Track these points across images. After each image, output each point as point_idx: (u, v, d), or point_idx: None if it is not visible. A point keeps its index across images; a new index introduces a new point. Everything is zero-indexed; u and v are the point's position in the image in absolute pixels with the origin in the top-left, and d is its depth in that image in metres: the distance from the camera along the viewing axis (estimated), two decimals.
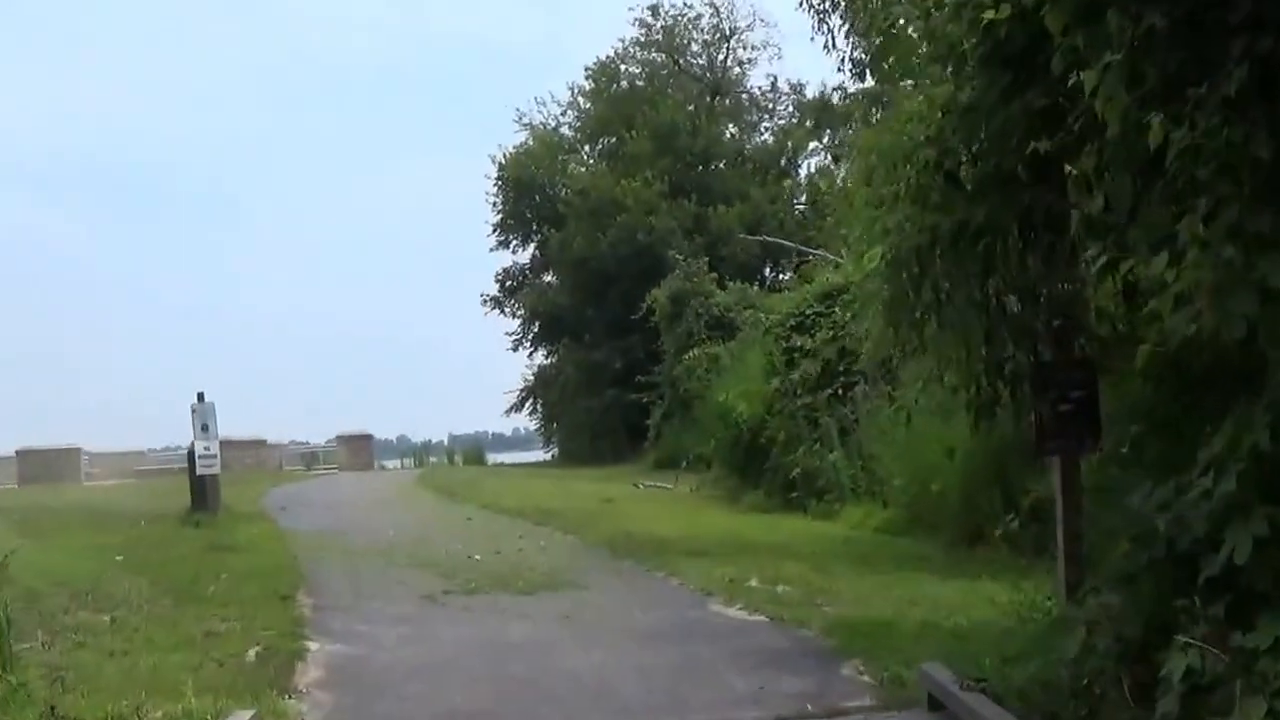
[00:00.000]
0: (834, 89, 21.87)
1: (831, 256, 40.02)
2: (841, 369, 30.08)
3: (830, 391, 29.83)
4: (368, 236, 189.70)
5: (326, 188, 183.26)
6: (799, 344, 31.25)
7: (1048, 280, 9.98)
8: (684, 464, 40.63)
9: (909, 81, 11.73)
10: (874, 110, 21.50)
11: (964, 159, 9.94)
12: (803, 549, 21.21)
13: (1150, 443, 10.74)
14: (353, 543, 23.82)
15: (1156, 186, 7.66)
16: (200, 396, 28.56)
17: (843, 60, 21.91)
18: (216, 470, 28.73)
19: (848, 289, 31.04)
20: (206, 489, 28.17)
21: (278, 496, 37.71)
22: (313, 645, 13.43)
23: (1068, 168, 8.92)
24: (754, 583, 17.21)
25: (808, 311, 31.85)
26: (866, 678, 11.55)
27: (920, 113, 10.36)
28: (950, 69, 10.16)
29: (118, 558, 20.59)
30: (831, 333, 30.72)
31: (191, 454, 28.61)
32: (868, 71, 22.18)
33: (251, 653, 12.79)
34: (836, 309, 31.05)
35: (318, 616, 15.34)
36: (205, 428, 28.09)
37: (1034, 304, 10.19)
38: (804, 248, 47.91)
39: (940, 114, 10.05)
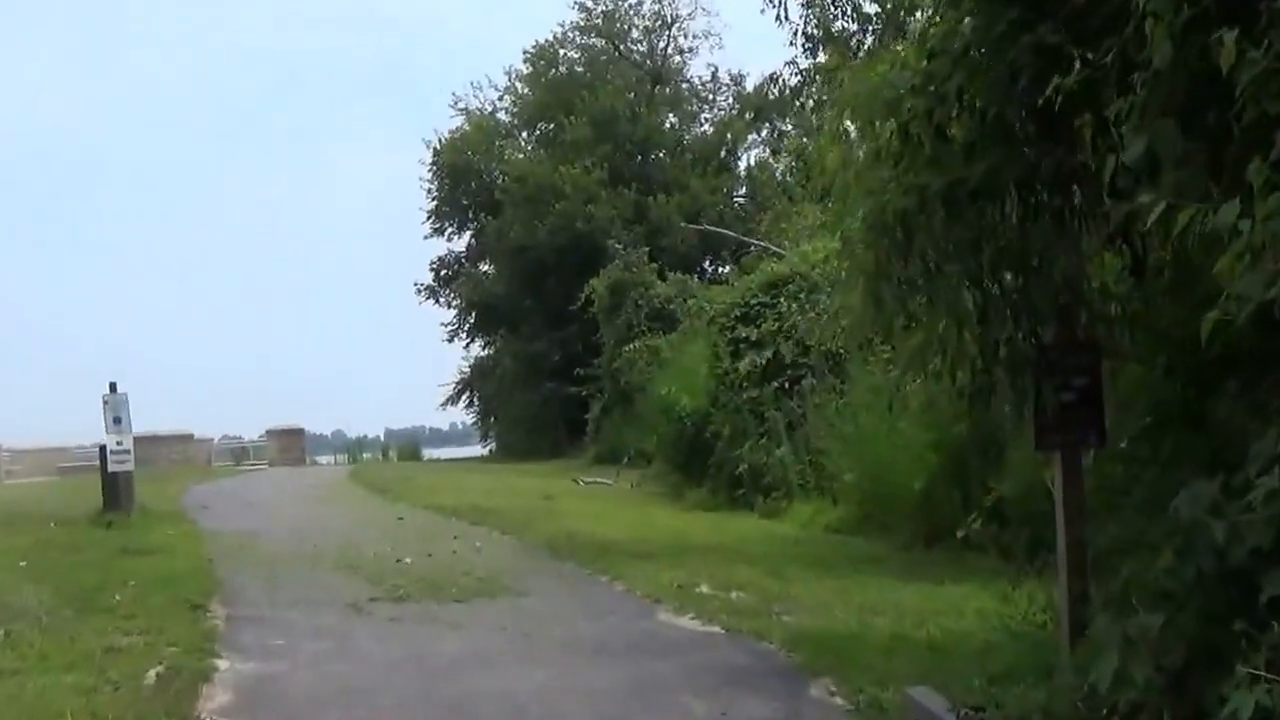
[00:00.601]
0: (785, 63, 20.65)
1: (774, 248, 39.03)
2: (788, 361, 29.05)
3: (777, 385, 28.72)
4: (302, 227, 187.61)
5: (263, 174, 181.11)
6: (744, 335, 30.10)
7: (1053, 249, 8.66)
8: (625, 459, 39.64)
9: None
10: (826, 87, 20.45)
11: (957, 110, 8.63)
12: (753, 550, 20.19)
13: (1164, 435, 9.49)
14: (275, 545, 22.45)
15: (1201, 128, 6.50)
16: (112, 387, 26.82)
17: (795, 34, 20.89)
18: (130, 467, 27.01)
19: (793, 279, 30.12)
20: (119, 487, 26.53)
21: (200, 494, 36.33)
22: (222, 664, 12.05)
23: (1077, 121, 7.59)
24: (705, 588, 16.02)
25: (752, 302, 30.69)
26: (839, 700, 10.31)
27: (906, 60, 9.04)
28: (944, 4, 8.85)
29: (20, 563, 19.22)
30: (777, 324, 29.67)
31: (103, 450, 27.01)
32: (819, 47, 21.56)
33: (152, 673, 11.42)
34: (782, 299, 30.08)
35: (230, 629, 14.00)
36: (118, 420, 26.49)
37: (1035, 278, 8.88)
38: (746, 239, 46.78)
39: (929, 57, 8.73)
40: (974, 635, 12.04)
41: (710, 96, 69.15)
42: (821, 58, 20.89)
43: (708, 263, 62.14)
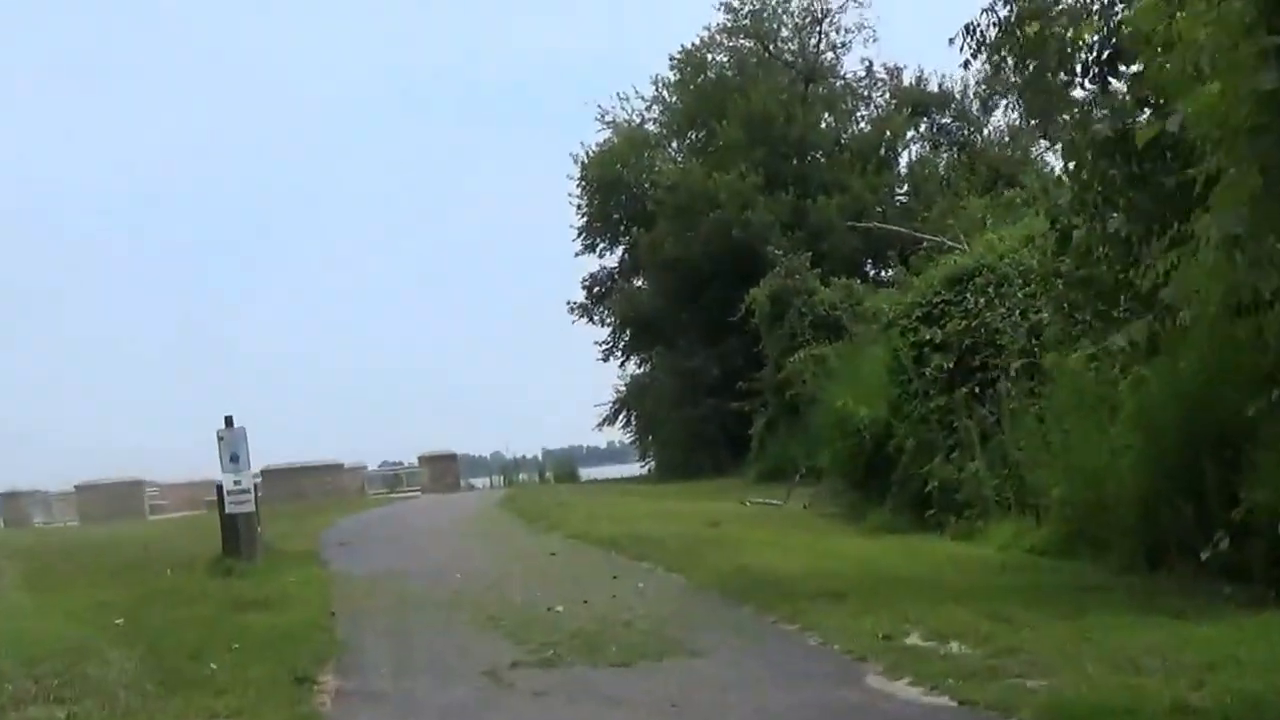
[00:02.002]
0: (983, 10, 18.03)
1: (951, 242, 36.25)
2: (977, 364, 26.20)
3: (966, 390, 25.83)
4: (452, 253, 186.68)
5: (410, 204, 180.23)
6: (928, 337, 27.25)
7: None
8: (797, 477, 36.77)
9: None
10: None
11: None
12: (956, 582, 17.55)
13: None
14: (412, 590, 19.91)
15: None
16: (228, 421, 24.32)
17: None
18: (250, 508, 24.53)
19: (979, 272, 27.27)
20: (240, 530, 24.04)
21: (342, 529, 33.98)
22: None
23: None
24: (915, 639, 13.18)
25: (935, 300, 27.82)
26: None
27: None
28: None
29: (117, 621, 16.83)
30: (964, 322, 26.76)
31: (220, 490, 24.63)
32: None
33: None
34: (969, 295, 27.12)
35: (339, 709, 11.41)
36: (235, 458, 24.06)
37: None
38: (920, 233, 43.95)
39: None
40: (1271, 702, 9.46)
41: (866, 92, 66.24)
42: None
43: (869, 266, 59.27)
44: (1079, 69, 17.92)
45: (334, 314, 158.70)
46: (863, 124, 65.82)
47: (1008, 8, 19.01)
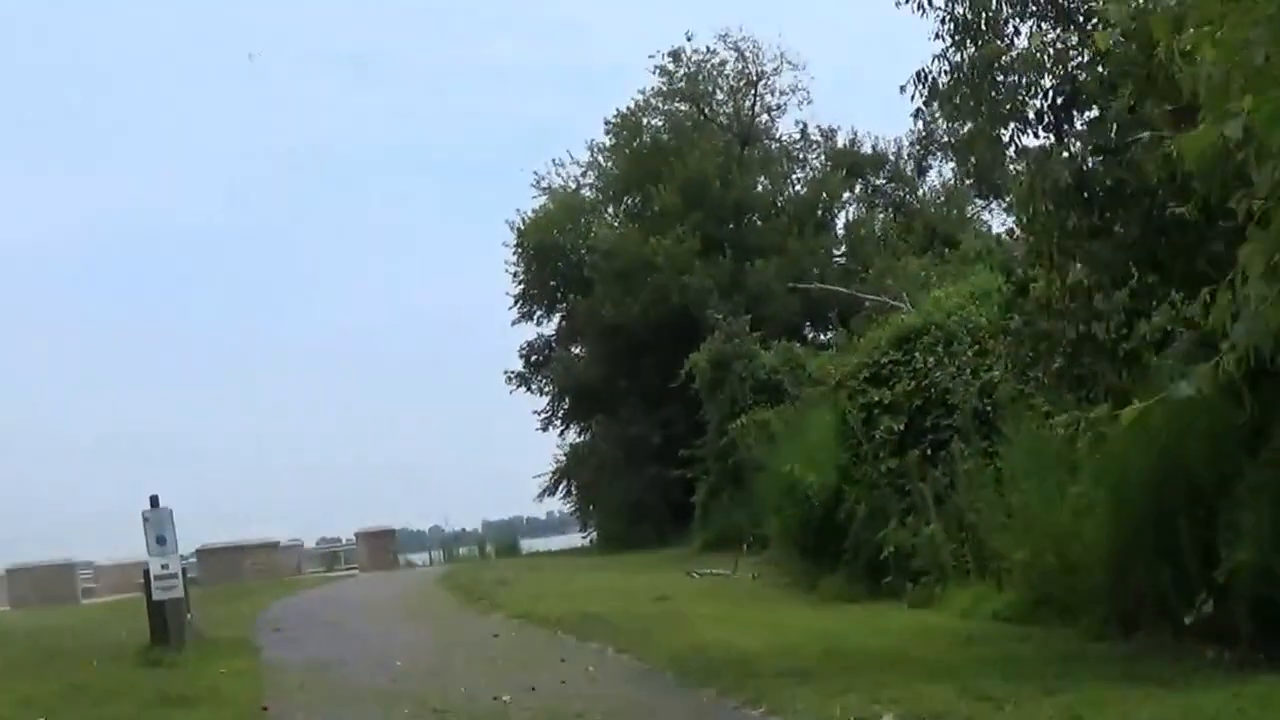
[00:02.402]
0: (935, 56, 17.28)
1: (893, 301, 35.68)
2: (928, 424, 25.65)
3: (918, 452, 25.11)
4: (388, 325, 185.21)
5: (340, 272, 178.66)
6: (876, 398, 26.58)
7: None
8: (744, 547, 35.93)
9: None
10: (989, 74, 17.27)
11: None
12: (925, 655, 16.78)
13: None
14: (347, 680, 18.78)
15: None
16: (153, 501, 23.18)
17: (943, 20, 17.62)
18: (179, 593, 23.47)
19: (928, 330, 26.63)
20: (168, 617, 22.89)
21: (277, 612, 32.77)
22: None
23: None
24: None
25: (883, 360, 27.21)
26: None
27: None
28: None
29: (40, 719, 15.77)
30: (913, 382, 26.16)
31: (147, 575, 23.41)
32: (972, 37, 18.13)
33: None
34: (917, 354, 26.52)
35: None
36: (161, 540, 22.92)
37: None
38: (864, 294, 43.46)
39: None
40: None
41: (801, 155, 65.91)
42: (972, 49, 17.42)
43: (809, 329, 58.84)
44: (1032, 115, 17.27)
45: (272, 390, 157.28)
46: (799, 186, 65.52)
47: (959, 54, 18.23)
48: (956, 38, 17.91)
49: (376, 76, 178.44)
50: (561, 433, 66.55)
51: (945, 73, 18.28)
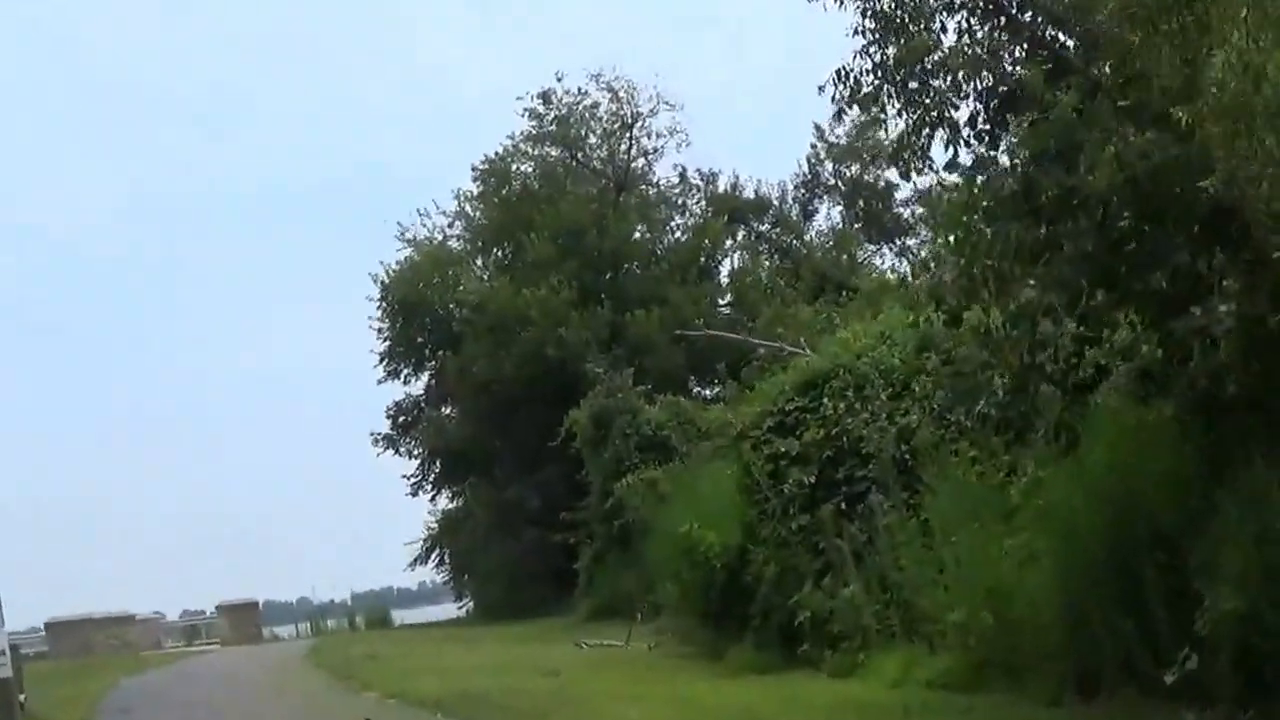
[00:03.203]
0: (855, 53, 15.00)
1: (791, 349, 33.68)
2: (841, 476, 23.17)
3: (833, 505, 22.68)
4: (247, 388, 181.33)
5: (197, 333, 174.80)
6: (783, 449, 24.14)
7: None
8: (638, 615, 33.52)
9: None
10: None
11: None
12: None
13: None
14: None
15: None
16: None
17: (864, 12, 15.44)
18: (7, 673, 20.82)
19: (836, 374, 24.36)
20: None
21: (126, 692, 30.05)
22: None
23: None
24: None
25: (788, 408, 24.75)
26: None
27: None
28: None
29: None
30: (823, 430, 23.70)
31: None
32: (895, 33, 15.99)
33: None
34: (825, 400, 24.10)
35: None
36: None
37: None
38: (760, 341, 41.46)
39: None
40: None
41: (681, 200, 64.41)
42: (896, 46, 15.23)
43: (694, 382, 56.75)
44: (964, 120, 15.09)
45: (136, 455, 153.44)
46: (679, 233, 63.82)
47: (881, 54, 15.93)
48: (878, 34, 15.71)
49: (230, 124, 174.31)
50: (433, 498, 63.86)
51: (867, 71, 16.02)
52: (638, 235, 61.47)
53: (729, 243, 63.08)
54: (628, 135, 61.94)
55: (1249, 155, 10.98)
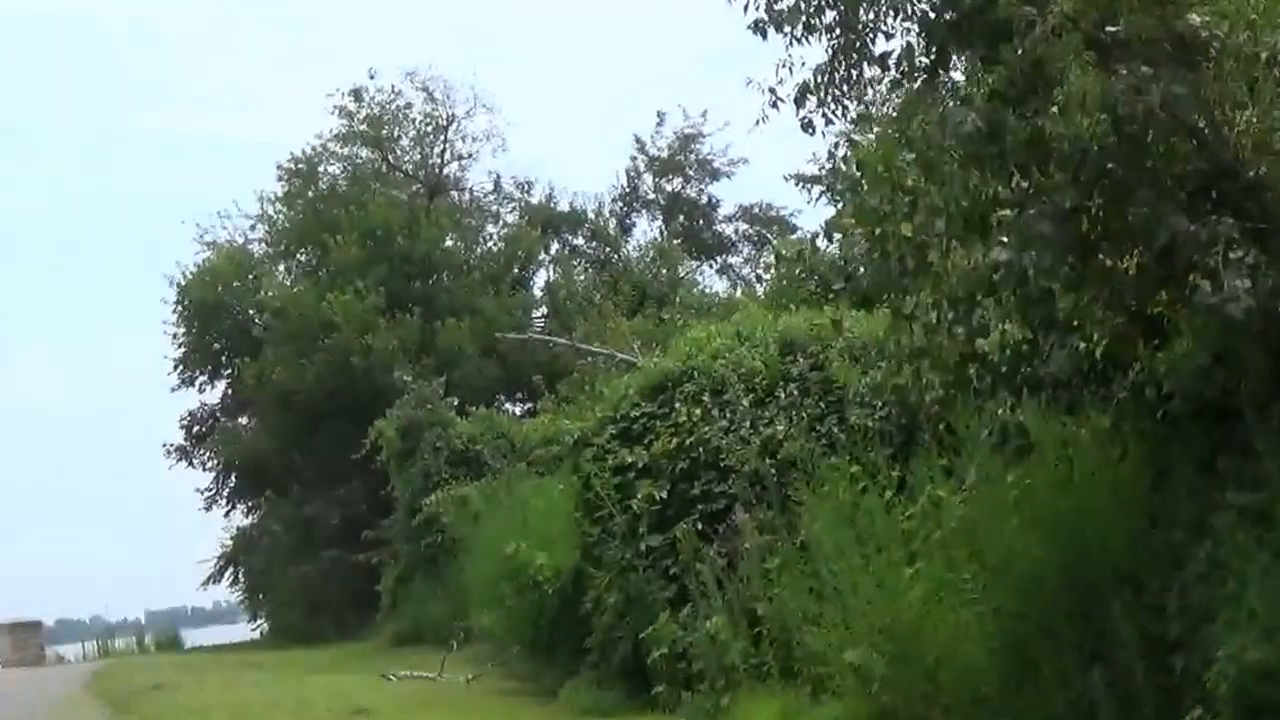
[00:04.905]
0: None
1: (623, 356, 31.41)
2: (697, 491, 20.55)
3: (687, 525, 20.08)
4: (44, 400, 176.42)
5: None
6: (630, 459, 21.50)
7: None
8: (453, 643, 30.65)
9: None
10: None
11: None
12: None
13: None
14: None
15: None
16: None
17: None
18: None
19: (690, 376, 21.88)
20: None
21: None
22: None
23: None
24: None
25: (634, 414, 22.13)
26: None
27: None
28: None
29: None
30: (675, 440, 21.09)
31: None
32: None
33: None
34: (677, 405, 21.49)
35: None
36: None
37: None
38: (586, 347, 39.28)
39: None
40: None
41: (495, 208, 62.09)
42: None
43: (505, 397, 54.30)
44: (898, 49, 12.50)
45: None
46: (492, 242, 61.30)
47: None
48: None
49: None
50: (227, 513, 60.03)
51: None
52: (450, 243, 58.71)
53: (543, 255, 61.01)
54: (442, 138, 59.60)
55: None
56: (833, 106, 12.88)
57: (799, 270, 23.08)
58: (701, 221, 65.65)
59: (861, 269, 13.63)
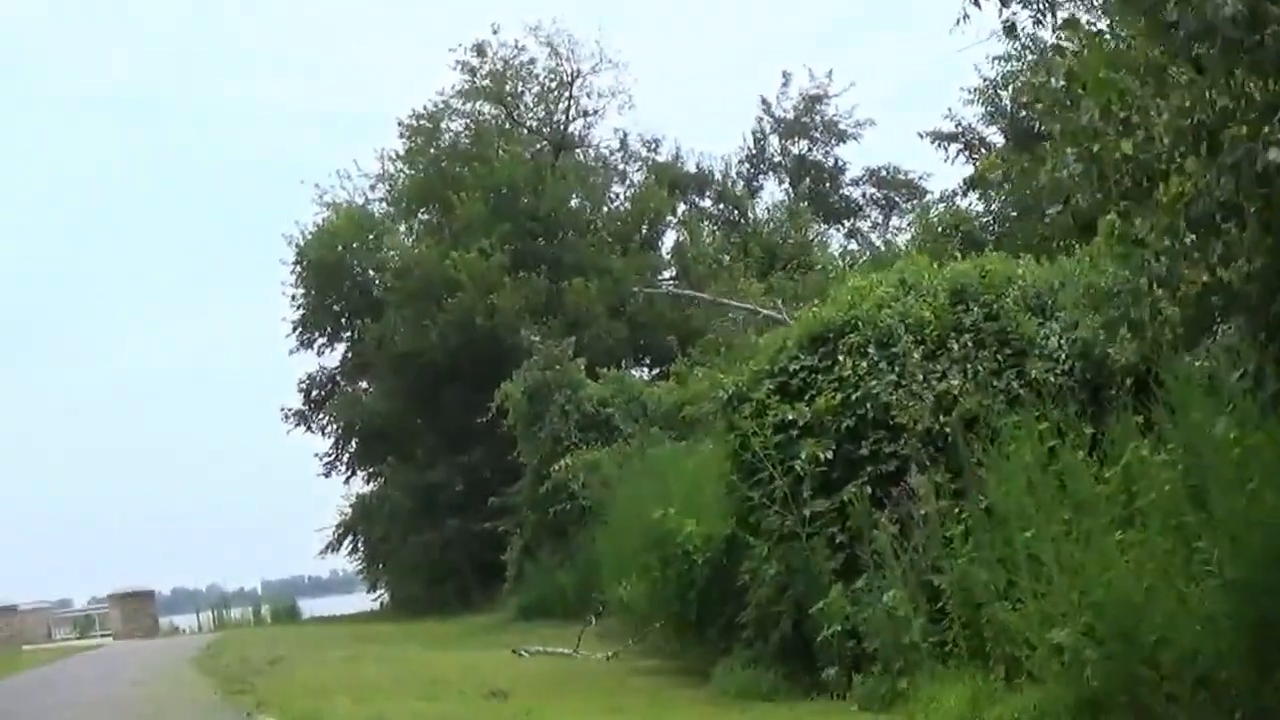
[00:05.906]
0: None
1: (767, 313, 29.49)
2: (865, 452, 18.19)
3: (856, 487, 17.79)
4: (161, 368, 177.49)
5: (100, 315, 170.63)
6: (791, 416, 19.21)
7: None
8: (592, 618, 28.79)
9: None
10: None
11: None
12: None
13: None
14: None
15: None
16: None
17: None
18: None
19: (854, 326, 19.60)
20: None
21: None
22: None
23: None
24: None
25: (793, 368, 19.81)
26: None
27: None
28: None
29: None
30: (839, 395, 18.81)
31: None
32: None
33: None
34: (841, 357, 19.13)
35: None
36: None
37: None
38: (727, 301, 37.50)
39: None
40: None
41: (622, 166, 60.68)
42: None
43: (634, 359, 52.84)
44: None
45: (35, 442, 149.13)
46: (619, 200, 59.68)
47: None
48: None
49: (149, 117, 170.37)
50: (347, 479, 58.91)
51: None
52: (575, 201, 56.99)
53: (670, 217, 59.15)
54: (566, 94, 57.62)
55: None
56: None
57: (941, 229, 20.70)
58: (829, 185, 64.10)
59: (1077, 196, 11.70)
